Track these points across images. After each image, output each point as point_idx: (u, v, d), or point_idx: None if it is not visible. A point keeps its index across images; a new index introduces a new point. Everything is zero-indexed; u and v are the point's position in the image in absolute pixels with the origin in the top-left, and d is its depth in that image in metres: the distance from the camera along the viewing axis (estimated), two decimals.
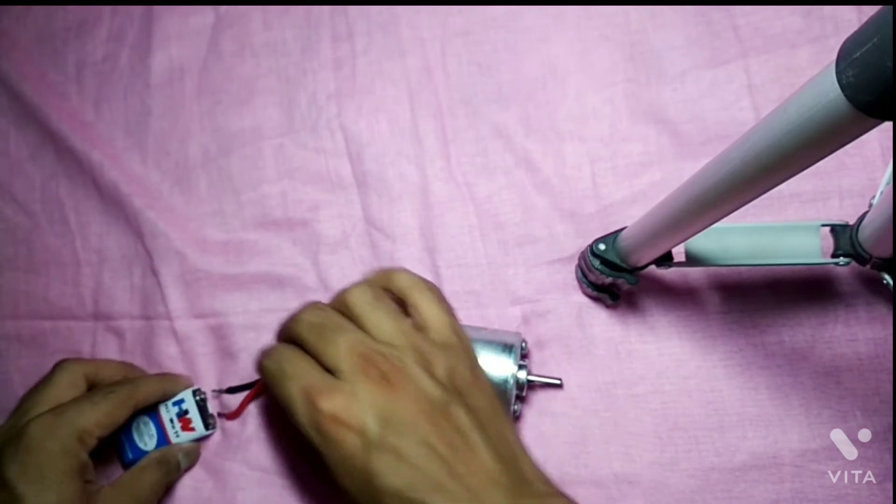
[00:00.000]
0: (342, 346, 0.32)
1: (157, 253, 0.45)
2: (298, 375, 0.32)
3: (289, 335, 0.36)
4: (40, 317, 0.47)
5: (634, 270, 0.37)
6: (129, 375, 0.42)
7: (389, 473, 0.29)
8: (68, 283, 0.47)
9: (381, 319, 0.34)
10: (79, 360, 0.41)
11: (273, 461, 0.41)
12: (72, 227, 0.48)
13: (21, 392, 0.41)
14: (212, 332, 0.44)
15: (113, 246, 0.47)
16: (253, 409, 0.42)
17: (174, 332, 0.44)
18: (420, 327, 0.35)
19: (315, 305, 0.35)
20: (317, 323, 0.34)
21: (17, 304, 0.48)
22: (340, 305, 0.35)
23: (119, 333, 0.46)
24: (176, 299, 0.45)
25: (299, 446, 0.41)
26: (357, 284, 0.36)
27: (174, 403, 0.41)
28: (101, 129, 0.49)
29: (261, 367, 0.35)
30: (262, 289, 0.44)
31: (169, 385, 0.41)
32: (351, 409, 0.30)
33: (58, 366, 0.39)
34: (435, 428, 0.30)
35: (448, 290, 0.43)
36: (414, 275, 0.37)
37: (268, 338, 0.43)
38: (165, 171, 0.48)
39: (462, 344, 0.35)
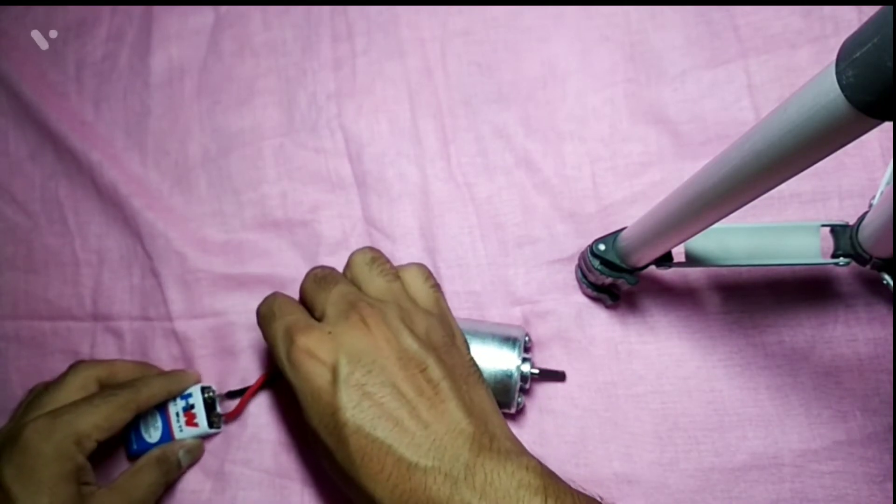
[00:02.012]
0: (333, 295, 0.35)
1: (156, 253, 0.45)
2: (285, 316, 0.35)
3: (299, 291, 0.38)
4: (39, 317, 0.47)
5: (634, 271, 0.37)
6: (148, 374, 0.41)
7: (353, 408, 0.30)
8: (67, 283, 0.47)
9: (374, 278, 0.36)
10: (94, 362, 0.40)
11: (274, 462, 0.41)
12: (71, 227, 0.48)
13: (20, 392, 0.41)
14: (212, 333, 0.44)
15: (112, 246, 0.47)
16: (254, 410, 0.42)
17: (174, 333, 0.44)
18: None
19: (323, 265, 0.38)
20: (319, 276, 0.37)
21: (17, 305, 0.48)
22: (345, 267, 0.38)
23: (118, 334, 0.46)
24: (176, 300, 0.45)
25: (300, 446, 0.41)
26: (361, 248, 0.39)
27: (182, 397, 0.41)
28: (100, 129, 0.49)
29: (257, 312, 0.38)
30: (262, 289, 0.44)
31: (175, 385, 0.41)
32: (324, 344, 0.32)
33: (72, 367, 0.39)
34: (405, 373, 0.31)
35: (448, 290, 0.43)
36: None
37: None
38: (165, 171, 0.48)
39: (443, 316, 0.37)
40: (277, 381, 0.42)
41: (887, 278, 0.36)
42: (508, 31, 0.46)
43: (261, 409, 0.42)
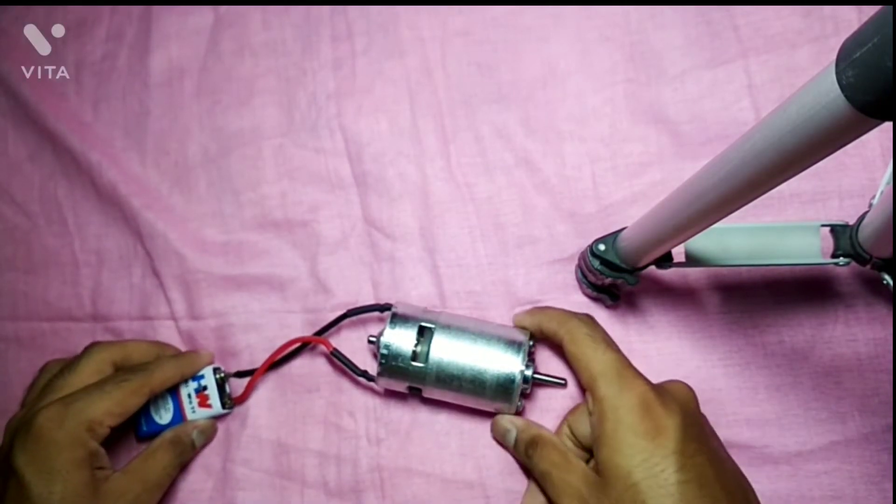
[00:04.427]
0: None
1: (156, 253, 0.45)
2: None
3: None
4: (39, 318, 0.47)
5: (634, 271, 0.37)
6: (162, 356, 0.41)
7: None
8: (67, 283, 0.47)
9: None
10: (108, 343, 0.40)
11: (274, 462, 0.41)
12: (70, 227, 0.48)
13: (21, 393, 0.41)
14: (212, 333, 0.44)
15: (112, 247, 0.47)
16: (254, 410, 0.42)
17: (174, 333, 0.44)
18: None
19: None
20: None
21: (16, 306, 0.47)
22: None
23: (118, 334, 0.45)
24: (175, 299, 0.45)
25: (300, 447, 0.41)
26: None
27: (194, 379, 0.41)
28: (99, 130, 0.49)
29: None
30: (262, 289, 0.44)
31: (188, 367, 0.41)
32: None
33: (86, 350, 0.39)
34: None
35: (448, 290, 0.43)
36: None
37: (269, 337, 0.43)
38: (164, 171, 0.48)
39: None
40: (283, 363, 0.43)
41: (887, 278, 0.36)
42: (508, 31, 0.46)
43: (261, 410, 0.42)
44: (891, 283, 0.36)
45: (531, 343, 0.39)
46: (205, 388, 0.41)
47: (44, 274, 0.48)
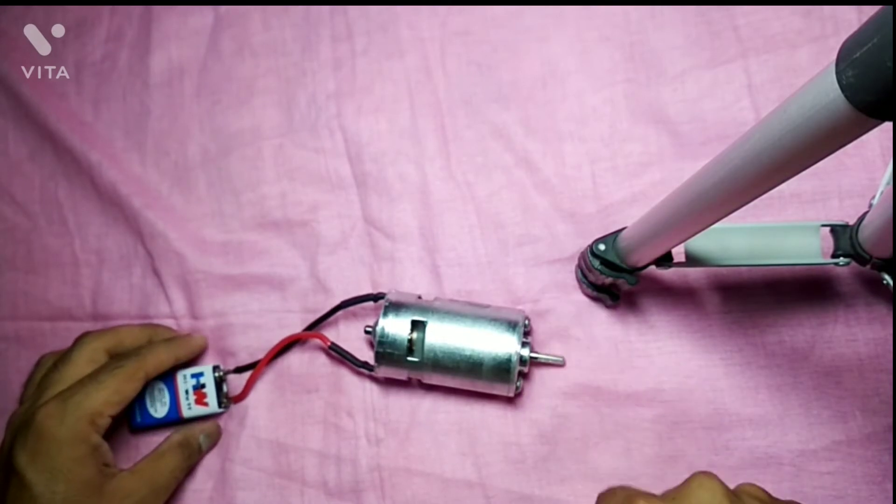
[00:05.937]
0: None
1: (156, 253, 0.45)
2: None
3: None
4: (39, 318, 0.47)
5: (634, 271, 0.37)
6: (154, 339, 0.41)
7: None
8: (67, 283, 0.47)
9: None
10: (99, 332, 0.40)
11: (273, 462, 0.41)
12: (71, 227, 0.48)
13: (21, 392, 0.41)
14: (212, 333, 0.44)
15: (112, 246, 0.47)
16: (253, 410, 0.42)
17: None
18: None
19: None
20: None
21: (17, 305, 0.48)
22: None
23: None
24: (175, 299, 0.45)
25: (300, 447, 0.41)
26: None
27: (193, 375, 0.41)
28: (99, 130, 0.49)
29: None
30: (262, 289, 0.44)
31: (182, 350, 0.41)
32: None
33: (78, 341, 0.39)
34: None
35: (448, 290, 0.43)
36: None
37: (268, 338, 0.43)
38: (164, 171, 0.48)
39: None
40: (280, 360, 0.43)
41: (887, 278, 0.36)
42: (508, 31, 0.46)
43: (260, 410, 0.42)
44: (891, 283, 0.36)
45: (527, 322, 0.39)
46: (203, 385, 0.41)
47: (44, 273, 0.48)
